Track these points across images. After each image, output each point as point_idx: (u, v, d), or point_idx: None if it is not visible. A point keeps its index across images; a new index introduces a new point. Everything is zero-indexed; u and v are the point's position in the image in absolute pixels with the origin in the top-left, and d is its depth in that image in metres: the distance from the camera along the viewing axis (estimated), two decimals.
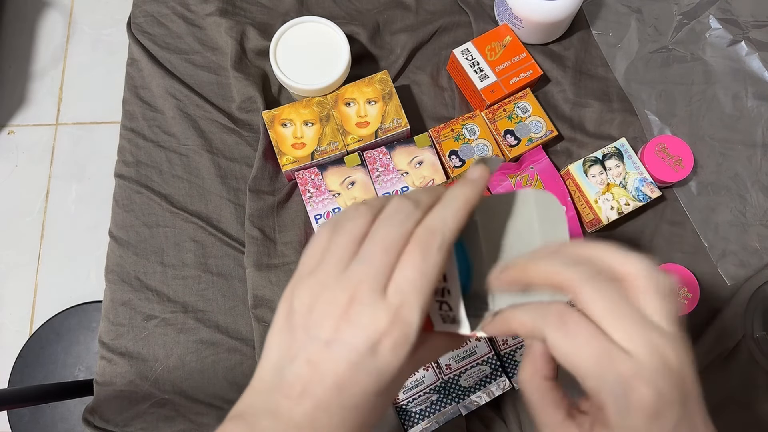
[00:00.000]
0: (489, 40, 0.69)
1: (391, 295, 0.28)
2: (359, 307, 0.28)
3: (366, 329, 0.28)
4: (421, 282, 0.28)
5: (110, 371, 0.63)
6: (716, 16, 0.73)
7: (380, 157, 0.65)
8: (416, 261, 0.28)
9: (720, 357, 0.63)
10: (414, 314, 0.28)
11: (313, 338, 0.29)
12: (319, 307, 0.29)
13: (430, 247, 0.28)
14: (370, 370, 0.28)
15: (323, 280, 0.29)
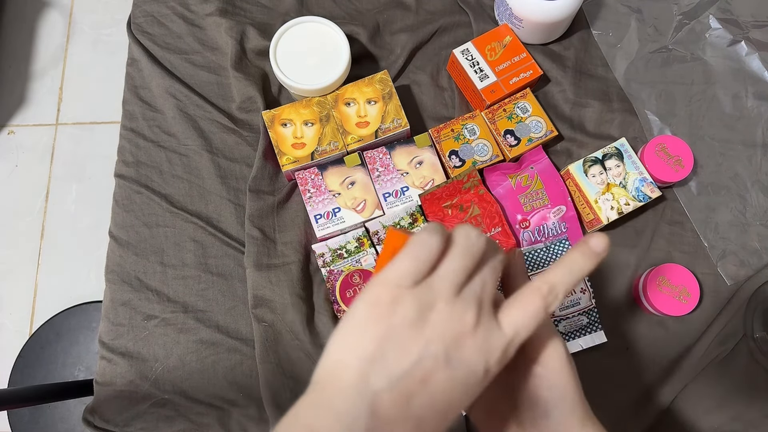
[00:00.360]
0: (489, 40, 0.69)
1: (507, 327, 0.29)
2: (484, 329, 0.28)
3: (486, 354, 0.28)
4: (531, 327, 0.29)
5: (110, 371, 0.63)
6: (716, 16, 0.73)
7: (380, 157, 0.65)
8: (536, 310, 0.29)
9: (720, 357, 0.63)
10: (513, 351, 0.29)
11: (430, 348, 0.27)
12: (440, 319, 0.28)
13: (547, 303, 0.30)
14: (474, 395, 0.28)
15: (439, 292, 0.28)
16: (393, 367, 0.27)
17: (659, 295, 0.61)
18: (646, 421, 0.60)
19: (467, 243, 0.30)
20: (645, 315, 0.65)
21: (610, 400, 0.62)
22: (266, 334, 0.62)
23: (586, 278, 0.62)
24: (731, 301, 0.64)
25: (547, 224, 0.65)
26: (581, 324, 0.62)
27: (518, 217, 0.65)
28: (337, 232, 0.64)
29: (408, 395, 0.27)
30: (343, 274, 0.62)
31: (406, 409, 0.27)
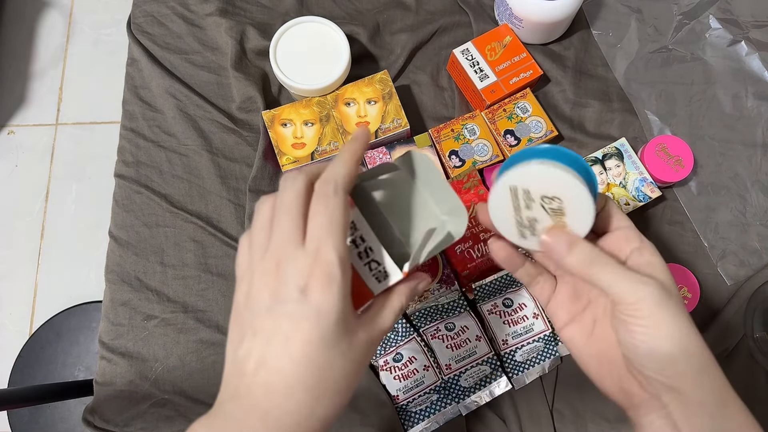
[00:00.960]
0: (489, 40, 0.69)
1: (308, 242, 0.31)
2: (284, 264, 0.31)
3: (293, 278, 0.31)
4: (328, 223, 0.31)
5: (110, 371, 0.63)
6: (716, 16, 0.73)
7: (380, 157, 0.65)
8: (319, 208, 0.32)
9: (720, 357, 0.63)
10: (330, 250, 0.31)
11: (256, 313, 0.32)
12: (255, 285, 0.32)
13: (327, 194, 0.32)
14: (308, 316, 0.30)
15: (253, 265, 0.33)
16: (238, 345, 0.32)
17: None
18: None
19: (254, 218, 0.34)
20: None
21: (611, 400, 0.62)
22: None
23: None
24: (731, 301, 0.64)
25: None
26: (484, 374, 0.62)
27: None
28: None
29: (249, 352, 0.31)
30: None
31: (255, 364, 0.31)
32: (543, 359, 0.61)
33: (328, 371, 0.31)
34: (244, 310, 0.33)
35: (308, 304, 0.30)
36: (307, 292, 0.31)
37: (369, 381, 0.60)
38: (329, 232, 0.31)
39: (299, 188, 0.33)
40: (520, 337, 0.60)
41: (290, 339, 0.30)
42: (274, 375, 0.30)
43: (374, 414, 0.59)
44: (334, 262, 0.31)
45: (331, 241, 0.31)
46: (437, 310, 0.61)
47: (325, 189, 0.32)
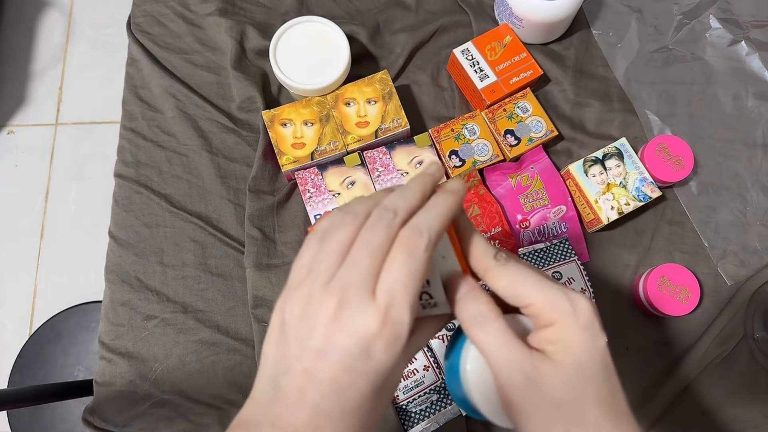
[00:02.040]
0: (489, 39, 0.69)
1: (380, 296, 0.28)
2: (349, 311, 0.28)
3: (357, 332, 0.28)
4: (409, 280, 0.28)
5: (110, 371, 0.63)
6: (716, 16, 0.73)
7: (380, 156, 0.65)
8: (403, 260, 0.28)
9: (720, 357, 0.63)
10: (404, 312, 0.28)
11: (306, 348, 0.29)
12: (309, 316, 0.29)
13: (417, 247, 0.28)
14: (367, 372, 0.28)
15: (312, 289, 0.29)
16: (283, 374, 0.30)
17: (659, 295, 0.61)
18: (647, 421, 0.60)
19: (331, 229, 0.30)
20: (645, 315, 0.64)
21: None
22: (266, 335, 0.61)
23: (586, 278, 0.62)
24: (731, 301, 0.64)
25: (547, 224, 0.65)
26: None
27: (518, 217, 0.65)
28: None
29: (300, 390, 0.28)
30: None
31: (305, 405, 0.28)
32: None
33: (372, 417, 0.30)
34: (293, 336, 0.30)
35: (369, 364, 0.28)
36: (371, 353, 0.28)
37: None
38: (407, 290, 0.28)
39: (392, 231, 0.29)
40: None
41: (346, 390, 0.28)
42: (321, 419, 0.28)
43: None
44: (405, 323, 0.28)
45: (407, 300, 0.28)
46: None
47: (416, 241, 0.28)
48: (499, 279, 0.32)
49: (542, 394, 0.30)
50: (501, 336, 0.31)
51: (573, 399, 0.30)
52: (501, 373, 0.31)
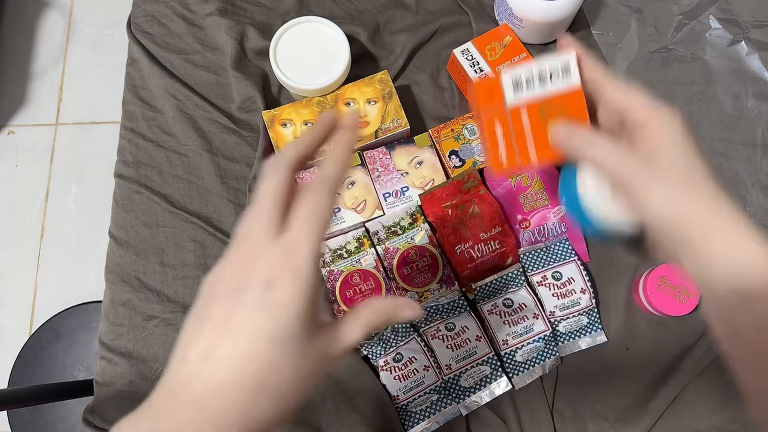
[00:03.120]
0: (489, 40, 0.69)
1: (285, 234, 0.30)
2: (256, 253, 0.30)
3: (261, 269, 0.29)
4: (312, 217, 0.30)
5: (110, 371, 0.63)
6: (716, 16, 0.73)
7: (380, 157, 0.65)
8: (306, 200, 0.31)
9: (720, 357, 0.63)
10: (304, 246, 0.30)
11: (215, 296, 0.30)
12: (224, 269, 0.31)
13: (317, 190, 0.31)
14: (266, 308, 0.29)
15: (234, 245, 0.32)
16: (192, 325, 0.31)
17: (659, 295, 0.61)
18: (647, 421, 0.60)
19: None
20: (645, 315, 0.65)
21: (611, 400, 0.62)
22: None
23: (586, 278, 0.62)
24: None
25: (547, 224, 0.65)
26: (581, 324, 0.62)
27: (518, 217, 0.65)
28: (337, 232, 0.64)
29: (206, 348, 0.29)
30: (343, 274, 0.62)
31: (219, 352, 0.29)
32: (543, 359, 0.61)
33: (274, 372, 0.29)
34: (209, 291, 0.31)
35: (269, 296, 0.29)
36: (271, 285, 0.29)
37: (369, 381, 0.60)
38: (309, 228, 0.30)
39: (284, 177, 0.32)
40: (520, 337, 0.60)
41: (242, 330, 0.29)
42: (216, 367, 0.28)
43: (374, 414, 0.59)
44: (307, 257, 0.30)
45: (308, 236, 0.30)
46: (437, 310, 0.61)
47: (319, 187, 0.32)
48: (611, 86, 0.38)
49: (657, 170, 0.35)
50: (610, 143, 0.36)
51: (686, 172, 0.35)
52: (619, 168, 0.36)
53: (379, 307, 0.34)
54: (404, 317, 0.34)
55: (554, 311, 0.62)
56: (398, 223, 0.64)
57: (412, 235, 0.64)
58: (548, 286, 0.62)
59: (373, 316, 0.33)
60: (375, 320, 0.33)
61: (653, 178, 0.35)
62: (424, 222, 0.64)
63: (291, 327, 0.29)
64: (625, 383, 0.62)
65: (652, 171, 0.35)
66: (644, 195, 0.35)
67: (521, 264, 0.64)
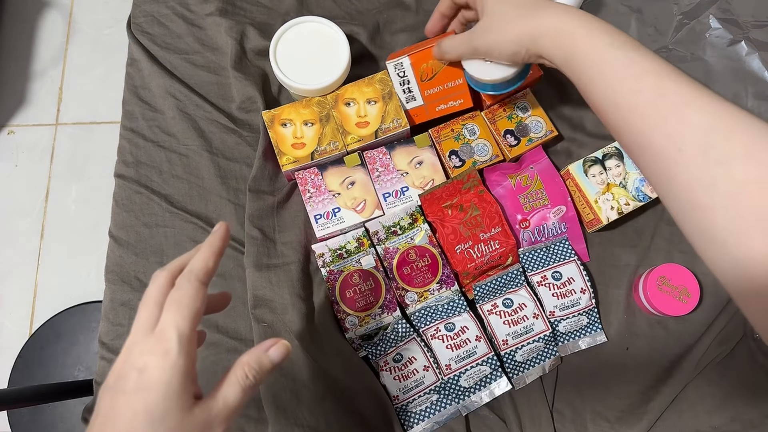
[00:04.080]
0: None
1: (156, 327, 0.34)
2: (132, 349, 0.34)
3: (134, 358, 0.33)
4: (177, 306, 0.34)
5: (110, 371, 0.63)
6: (716, 16, 0.73)
7: (380, 157, 0.65)
8: (172, 297, 0.35)
9: (720, 357, 0.63)
10: (171, 329, 0.33)
11: (100, 395, 0.34)
12: (111, 369, 0.35)
13: (181, 285, 0.35)
14: (139, 389, 0.32)
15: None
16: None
17: (659, 295, 0.61)
18: (647, 421, 0.60)
19: None
20: (645, 315, 0.65)
21: (611, 399, 0.62)
22: (266, 335, 0.61)
23: (586, 278, 0.62)
24: (731, 301, 0.64)
25: (547, 224, 0.65)
26: (581, 324, 0.62)
27: (518, 217, 0.65)
28: (337, 232, 0.64)
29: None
30: (343, 274, 0.62)
31: None
32: (543, 359, 0.61)
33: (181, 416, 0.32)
34: (101, 388, 0.34)
35: (142, 379, 0.32)
36: (144, 369, 0.32)
37: (369, 381, 0.60)
38: (175, 315, 0.34)
39: (161, 282, 0.36)
40: (520, 337, 0.60)
41: (121, 416, 0.32)
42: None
43: (374, 414, 0.59)
44: (173, 339, 0.33)
45: (175, 321, 0.34)
46: (437, 310, 0.61)
47: (181, 280, 0.36)
48: None
49: (486, 27, 0.51)
50: (451, 40, 0.56)
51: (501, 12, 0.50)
52: (465, 49, 0.55)
53: (244, 359, 0.36)
54: (274, 358, 0.37)
55: (554, 311, 0.62)
56: (398, 223, 0.64)
57: (411, 235, 0.64)
58: (548, 286, 0.62)
59: (241, 371, 0.36)
60: (247, 373, 0.36)
61: (487, 34, 0.51)
62: (424, 222, 0.64)
63: (164, 404, 0.32)
64: (625, 383, 0.62)
65: (484, 31, 0.51)
66: (489, 49, 0.52)
67: (521, 264, 0.64)
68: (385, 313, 0.61)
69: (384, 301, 0.61)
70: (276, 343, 0.37)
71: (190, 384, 0.34)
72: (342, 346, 0.60)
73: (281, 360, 0.37)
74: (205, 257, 0.37)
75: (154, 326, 0.34)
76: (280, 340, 0.38)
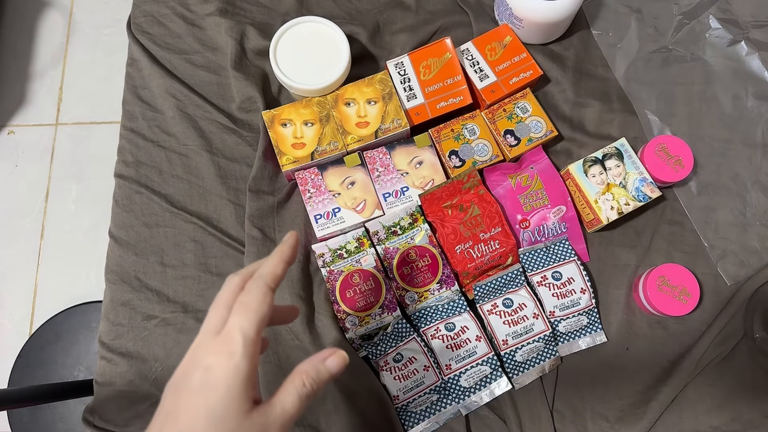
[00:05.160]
0: (489, 40, 0.69)
1: (223, 329, 0.35)
2: (200, 349, 0.35)
3: (201, 358, 0.34)
4: (245, 310, 0.35)
5: (110, 371, 0.63)
6: (716, 16, 0.73)
7: (380, 157, 0.65)
8: (241, 300, 0.36)
9: (720, 357, 0.63)
10: (236, 332, 0.34)
11: (165, 393, 0.35)
12: (178, 368, 0.36)
13: (250, 289, 0.36)
14: (202, 388, 0.33)
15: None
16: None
17: (659, 295, 0.61)
18: (647, 421, 0.60)
19: None
20: (645, 315, 0.65)
21: (611, 399, 0.62)
22: (266, 335, 0.62)
23: (586, 278, 0.62)
24: (731, 301, 0.64)
25: (547, 224, 0.65)
26: (581, 324, 0.62)
27: (518, 217, 0.65)
28: (337, 232, 0.64)
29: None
30: (343, 274, 0.62)
31: None
32: (543, 359, 0.61)
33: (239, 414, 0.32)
34: (166, 387, 0.35)
35: (207, 377, 0.33)
36: (209, 369, 0.33)
37: (369, 381, 0.60)
38: (242, 318, 0.35)
39: (232, 286, 0.37)
40: (520, 337, 0.60)
41: (182, 414, 0.32)
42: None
43: (374, 414, 0.59)
44: (238, 341, 0.34)
45: (240, 325, 0.34)
46: (437, 310, 0.61)
47: (250, 285, 0.37)
48: None
49: None
50: None
51: None
52: None
53: (302, 368, 0.37)
54: (331, 368, 0.37)
55: (554, 311, 0.62)
56: (398, 223, 0.64)
57: (411, 235, 0.64)
58: (548, 286, 0.62)
59: (299, 379, 0.36)
60: (304, 381, 0.36)
61: None
62: (424, 222, 0.64)
63: (225, 404, 0.32)
64: (625, 383, 0.62)
65: None
66: None
67: (521, 264, 0.64)
68: (385, 313, 0.61)
69: (384, 301, 0.61)
70: (334, 353, 0.38)
71: (250, 388, 0.34)
72: (342, 346, 0.60)
73: (339, 370, 0.37)
74: (274, 263, 0.38)
75: (221, 328, 0.35)
76: (337, 350, 0.38)
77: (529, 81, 0.68)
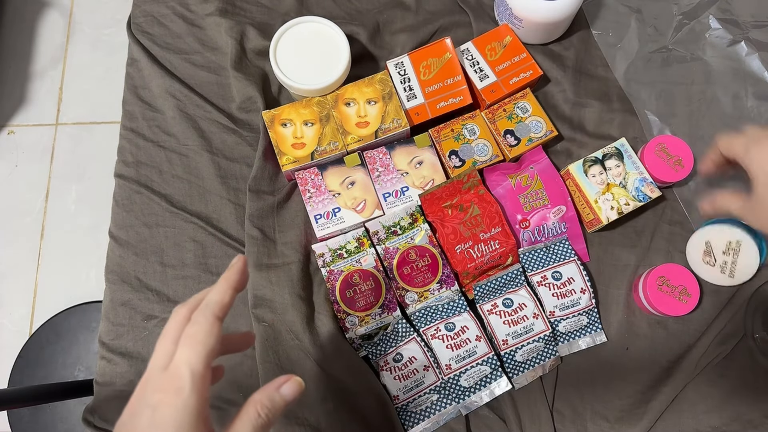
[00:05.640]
0: (489, 40, 0.69)
1: (170, 367, 0.34)
2: (147, 386, 0.34)
3: (148, 396, 0.33)
4: (191, 343, 0.34)
5: (110, 371, 0.63)
6: (716, 16, 0.73)
7: (380, 157, 0.65)
8: (187, 332, 0.35)
9: (720, 357, 0.63)
10: (183, 367, 0.33)
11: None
12: (126, 406, 0.35)
13: (197, 320, 0.35)
14: (156, 427, 0.32)
15: None
16: None
17: (659, 295, 0.61)
18: (647, 421, 0.60)
19: None
20: (645, 315, 0.65)
21: (611, 399, 0.62)
22: (266, 334, 0.62)
23: (586, 278, 0.62)
24: (731, 301, 0.64)
25: (547, 224, 0.65)
26: (581, 324, 0.62)
27: (518, 217, 0.65)
28: (337, 232, 0.64)
29: None
30: (343, 274, 0.62)
31: None
32: (543, 359, 0.61)
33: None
34: (116, 425, 0.35)
35: (155, 417, 0.32)
36: (157, 408, 0.32)
37: (369, 381, 0.60)
38: (189, 352, 0.34)
39: (179, 317, 0.36)
40: (520, 337, 0.60)
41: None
42: None
43: (374, 414, 0.59)
44: (185, 376, 0.33)
45: (187, 358, 0.33)
46: (437, 310, 0.61)
47: (197, 315, 0.35)
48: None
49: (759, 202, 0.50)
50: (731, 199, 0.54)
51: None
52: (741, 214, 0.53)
53: (256, 397, 0.36)
54: (286, 395, 0.36)
55: (554, 311, 0.62)
56: (398, 223, 0.64)
57: (412, 235, 0.64)
58: (548, 286, 0.62)
59: (253, 410, 0.35)
60: (259, 412, 0.35)
61: (759, 214, 0.50)
62: (424, 222, 0.64)
63: (193, 410, 0.32)
64: (625, 383, 0.62)
65: (757, 211, 0.50)
66: (762, 227, 0.51)
67: (521, 264, 0.64)
68: (385, 313, 0.61)
69: (384, 301, 0.61)
70: (288, 380, 0.37)
71: (201, 423, 0.33)
72: (342, 346, 0.60)
73: (294, 398, 0.37)
74: (221, 291, 0.37)
75: (168, 362, 0.34)
76: (292, 377, 0.37)
77: (529, 81, 0.68)
